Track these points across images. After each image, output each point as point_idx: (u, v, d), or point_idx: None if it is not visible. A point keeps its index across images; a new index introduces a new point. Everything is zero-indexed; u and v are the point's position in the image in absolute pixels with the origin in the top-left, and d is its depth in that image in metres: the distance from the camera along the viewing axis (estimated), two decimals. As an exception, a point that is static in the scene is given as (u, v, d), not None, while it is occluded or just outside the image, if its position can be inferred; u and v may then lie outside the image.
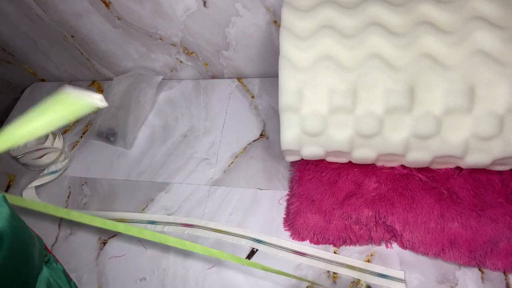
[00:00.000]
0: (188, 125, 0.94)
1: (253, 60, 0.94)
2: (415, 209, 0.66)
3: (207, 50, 0.93)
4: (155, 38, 0.93)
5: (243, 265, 0.70)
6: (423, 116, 0.57)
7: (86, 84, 1.12)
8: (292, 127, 0.63)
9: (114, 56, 1.02)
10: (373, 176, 0.70)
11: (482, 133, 0.56)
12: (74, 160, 0.96)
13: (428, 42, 0.57)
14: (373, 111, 0.58)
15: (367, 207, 0.68)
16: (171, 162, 0.89)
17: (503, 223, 0.62)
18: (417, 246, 0.65)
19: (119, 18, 0.90)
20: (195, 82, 1.02)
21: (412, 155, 0.62)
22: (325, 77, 0.59)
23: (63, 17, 0.92)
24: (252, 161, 0.84)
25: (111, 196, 0.87)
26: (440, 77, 0.56)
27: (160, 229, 0.78)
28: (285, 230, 0.73)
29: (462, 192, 0.66)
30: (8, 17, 0.96)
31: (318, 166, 0.74)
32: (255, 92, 0.96)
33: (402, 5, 0.60)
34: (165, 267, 0.74)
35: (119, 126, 0.95)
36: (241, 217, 0.77)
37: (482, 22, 0.56)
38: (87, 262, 0.78)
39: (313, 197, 0.72)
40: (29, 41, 1.03)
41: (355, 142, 0.62)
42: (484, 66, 0.54)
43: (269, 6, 0.79)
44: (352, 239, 0.68)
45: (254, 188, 0.80)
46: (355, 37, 0.60)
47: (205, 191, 0.82)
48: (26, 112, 0.31)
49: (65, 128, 1.03)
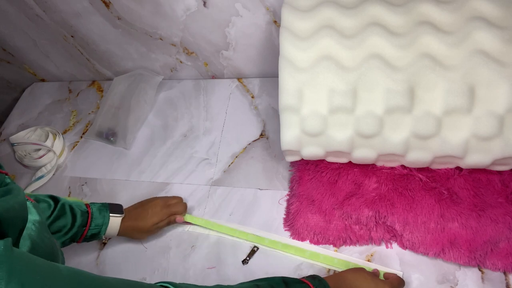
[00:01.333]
0: (188, 125, 0.94)
1: (253, 60, 0.94)
2: (415, 209, 0.66)
3: (207, 50, 0.93)
4: (155, 38, 0.93)
5: (243, 265, 0.70)
6: (423, 116, 0.57)
7: (86, 84, 1.12)
8: (292, 127, 0.63)
9: (114, 56, 1.02)
10: (373, 176, 0.70)
11: (482, 133, 0.56)
12: (74, 160, 0.96)
13: (428, 42, 0.57)
14: (373, 111, 0.58)
15: (367, 207, 0.68)
16: (171, 162, 0.89)
17: (503, 223, 0.62)
18: (417, 246, 0.65)
19: (119, 18, 0.90)
20: (195, 82, 1.02)
21: (412, 155, 0.62)
22: (325, 77, 0.59)
23: (63, 17, 0.92)
24: (252, 161, 0.84)
25: (111, 196, 0.87)
26: (440, 77, 0.56)
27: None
28: (285, 230, 0.73)
29: (462, 192, 0.66)
30: (8, 17, 0.96)
31: (318, 166, 0.74)
32: (255, 92, 0.96)
33: (402, 5, 0.60)
34: (165, 267, 0.74)
35: (119, 126, 0.95)
36: (241, 217, 0.77)
37: (482, 22, 0.56)
38: (87, 262, 0.78)
39: (313, 197, 0.72)
40: (29, 41, 1.03)
41: (355, 142, 0.62)
42: (484, 66, 0.54)
43: (269, 6, 0.79)
44: (352, 239, 0.68)
45: (254, 188, 0.80)
46: (355, 37, 0.60)
47: (205, 191, 0.82)
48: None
49: (65, 128, 1.03)
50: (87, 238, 0.67)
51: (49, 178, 0.92)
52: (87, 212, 0.67)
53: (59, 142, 0.95)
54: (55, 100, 1.11)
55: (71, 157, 0.96)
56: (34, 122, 1.06)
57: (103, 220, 0.68)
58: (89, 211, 0.67)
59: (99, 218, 0.68)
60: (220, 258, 0.73)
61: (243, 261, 0.71)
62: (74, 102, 1.08)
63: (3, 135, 1.06)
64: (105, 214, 0.69)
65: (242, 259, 0.71)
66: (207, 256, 0.73)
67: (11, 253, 0.29)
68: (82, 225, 0.65)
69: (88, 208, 0.68)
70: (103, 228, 0.68)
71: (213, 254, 0.73)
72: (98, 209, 0.69)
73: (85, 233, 0.66)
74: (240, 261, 0.71)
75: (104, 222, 0.68)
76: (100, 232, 0.68)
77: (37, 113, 1.09)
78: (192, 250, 0.75)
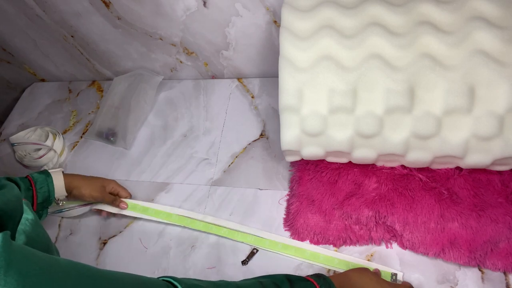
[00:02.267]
0: (188, 125, 0.94)
1: (253, 60, 0.94)
2: (415, 209, 0.66)
3: (207, 50, 0.93)
4: (155, 38, 0.93)
5: (242, 265, 0.70)
6: (423, 116, 0.57)
7: (86, 84, 1.12)
8: (292, 127, 0.63)
9: (114, 56, 1.02)
10: (373, 176, 0.70)
11: (482, 133, 0.56)
12: (74, 160, 0.96)
13: (428, 42, 0.57)
14: (373, 111, 0.58)
15: (367, 207, 0.68)
16: (171, 162, 0.89)
17: (503, 223, 0.62)
18: (417, 246, 0.65)
19: (119, 18, 0.90)
20: (195, 82, 1.02)
21: (412, 155, 0.62)
22: (325, 77, 0.59)
23: (63, 17, 0.92)
24: (252, 161, 0.84)
25: (111, 196, 0.87)
26: (440, 77, 0.56)
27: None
28: (285, 230, 0.73)
29: (462, 192, 0.66)
30: (8, 17, 0.96)
31: (318, 166, 0.74)
32: (255, 92, 0.96)
33: (402, 5, 0.60)
34: (165, 267, 0.74)
35: (119, 126, 0.95)
36: (241, 217, 0.77)
37: (482, 22, 0.56)
38: (87, 262, 0.78)
39: (313, 197, 0.72)
40: (29, 41, 1.03)
41: (355, 142, 0.62)
42: (484, 66, 0.54)
43: (269, 6, 0.79)
44: (352, 239, 0.68)
45: (254, 188, 0.80)
46: (355, 37, 0.60)
47: (205, 191, 0.82)
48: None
49: (65, 128, 1.03)
50: (39, 204, 0.67)
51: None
52: (25, 177, 0.68)
53: (59, 142, 0.95)
54: (55, 100, 1.11)
55: (71, 157, 0.96)
56: (34, 122, 1.06)
57: (45, 177, 0.69)
58: (28, 176, 0.68)
59: (40, 177, 0.68)
60: (220, 258, 0.73)
61: (242, 262, 0.71)
62: (74, 102, 1.08)
63: (3, 135, 1.06)
64: (44, 172, 0.69)
65: (242, 259, 0.71)
66: (207, 256, 0.73)
67: (10, 245, 0.29)
68: (27, 188, 0.66)
69: (27, 176, 0.69)
70: (50, 187, 0.68)
71: (213, 254, 0.73)
72: (37, 172, 0.70)
73: (35, 197, 0.66)
74: (240, 261, 0.71)
75: (47, 180, 0.69)
76: (50, 192, 0.68)
77: (37, 113, 1.09)
78: (192, 250, 0.75)
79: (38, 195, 0.68)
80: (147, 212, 0.79)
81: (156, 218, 0.78)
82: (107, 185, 0.79)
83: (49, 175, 0.71)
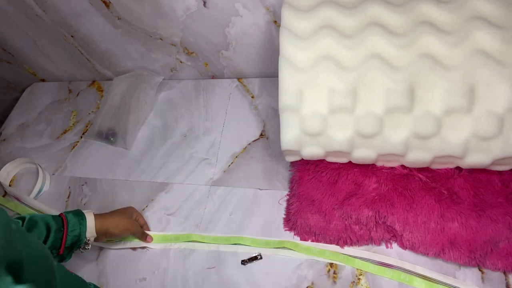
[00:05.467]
0: (188, 125, 0.94)
1: (253, 60, 0.94)
2: (415, 209, 0.66)
3: (207, 50, 0.93)
4: (155, 38, 0.93)
5: (242, 266, 0.70)
6: (423, 116, 0.57)
7: (86, 84, 1.12)
8: (292, 127, 0.63)
9: (114, 56, 1.02)
10: (373, 176, 0.70)
11: (482, 133, 0.56)
12: (74, 160, 0.96)
13: (428, 42, 0.57)
14: (373, 111, 0.58)
15: (367, 207, 0.68)
16: (171, 162, 0.89)
17: (503, 223, 0.62)
18: (417, 246, 0.65)
19: (119, 18, 0.90)
20: (195, 82, 1.02)
21: (412, 155, 0.62)
22: (325, 77, 0.59)
23: (63, 17, 0.92)
24: (252, 161, 0.84)
25: (111, 196, 0.87)
26: (440, 77, 0.56)
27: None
28: (285, 230, 0.73)
29: (462, 192, 0.66)
30: (8, 17, 0.96)
31: (318, 166, 0.74)
32: (255, 92, 0.96)
33: (402, 5, 0.60)
34: (165, 267, 0.74)
35: (119, 126, 0.95)
36: (241, 217, 0.77)
37: (482, 22, 0.56)
38: (87, 262, 0.78)
39: (313, 197, 0.72)
40: (29, 41, 1.03)
41: (355, 142, 0.62)
42: (484, 66, 0.54)
43: (269, 6, 0.79)
44: (352, 239, 0.68)
45: (254, 188, 0.80)
46: (355, 37, 0.60)
47: (205, 191, 0.82)
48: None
49: (65, 128, 1.03)
50: (67, 247, 0.63)
51: (48, 186, 0.92)
52: (59, 216, 0.64)
53: (45, 177, 0.92)
54: (55, 100, 1.11)
55: (71, 157, 0.96)
56: (34, 122, 1.06)
57: (78, 219, 0.65)
58: (61, 216, 0.64)
59: (74, 219, 0.64)
60: (220, 258, 0.73)
61: (242, 262, 0.71)
62: (74, 102, 1.08)
63: (3, 135, 1.06)
64: (78, 213, 0.66)
65: (242, 259, 0.71)
66: (207, 256, 0.73)
67: None
68: (58, 229, 0.62)
69: (61, 215, 0.65)
70: (82, 230, 0.64)
71: (213, 254, 0.73)
72: (71, 212, 0.66)
73: (64, 240, 0.62)
74: (240, 261, 0.71)
75: (81, 223, 0.65)
76: (81, 235, 0.64)
77: (37, 113, 1.09)
78: (192, 250, 0.75)
79: (68, 237, 0.63)
80: (179, 240, 0.76)
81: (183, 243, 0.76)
82: (132, 215, 0.76)
83: (84, 218, 0.66)
